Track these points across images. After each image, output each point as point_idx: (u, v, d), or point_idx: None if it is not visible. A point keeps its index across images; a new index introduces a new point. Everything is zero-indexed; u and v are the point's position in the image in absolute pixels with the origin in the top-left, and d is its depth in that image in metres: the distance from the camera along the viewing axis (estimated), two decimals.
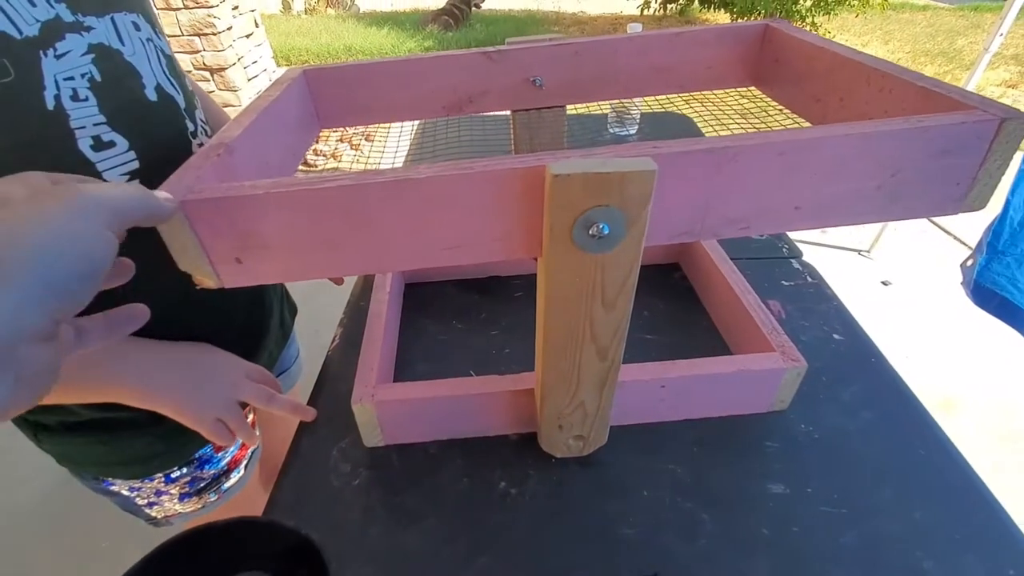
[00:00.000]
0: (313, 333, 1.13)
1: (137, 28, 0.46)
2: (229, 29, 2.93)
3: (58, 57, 0.39)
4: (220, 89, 3.00)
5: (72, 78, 0.40)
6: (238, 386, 0.50)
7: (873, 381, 0.57)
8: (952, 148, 0.33)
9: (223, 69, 2.94)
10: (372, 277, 0.68)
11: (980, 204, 0.36)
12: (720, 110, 0.94)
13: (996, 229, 1.16)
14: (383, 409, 0.49)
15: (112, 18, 0.44)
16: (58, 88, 0.39)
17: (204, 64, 2.91)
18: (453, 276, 0.73)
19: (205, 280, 0.34)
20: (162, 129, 0.47)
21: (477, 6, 5.93)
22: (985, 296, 1.31)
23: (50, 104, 0.38)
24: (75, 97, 0.40)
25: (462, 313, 0.68)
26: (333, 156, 2.92)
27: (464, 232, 0.34)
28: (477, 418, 0.52)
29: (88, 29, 0.41)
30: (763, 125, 0.86)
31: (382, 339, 0.55)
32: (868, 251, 2.14)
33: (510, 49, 0.56)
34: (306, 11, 6.48)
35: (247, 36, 3.18)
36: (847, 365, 0.59)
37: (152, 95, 0.46)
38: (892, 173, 0.34)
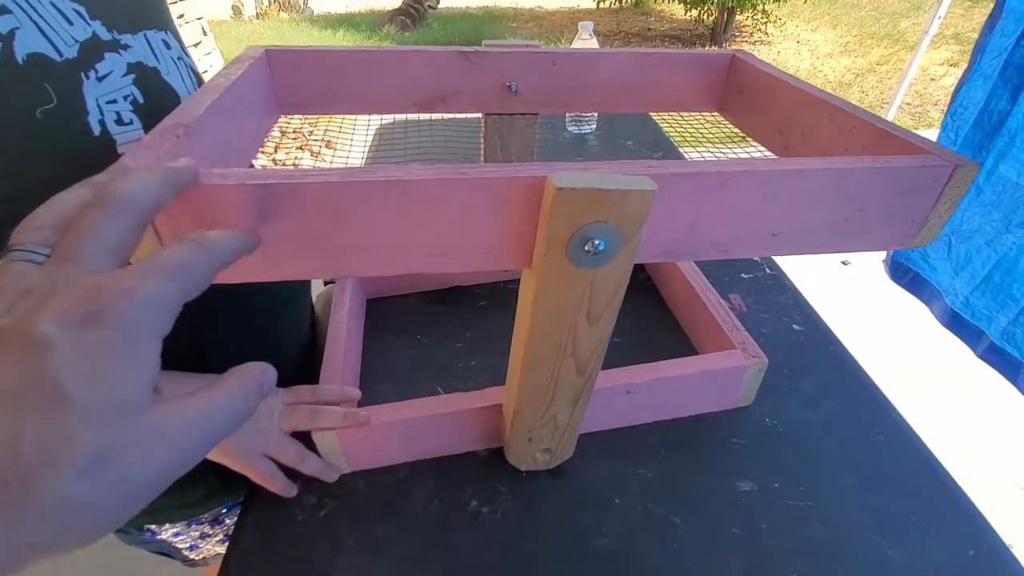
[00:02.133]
0: None
1: (167, 46, 0.44)
2: None
3: (100, 79, 0.37)
4: None
5: (115, 101, 0.38)
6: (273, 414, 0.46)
7: (832, 370, 0.58)
8: (911, 188, 0.34)
9: None
10: (332, 296, 0.66)
11: (929, 239, 0.38)
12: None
13: None
14: (346, 436, 0.47)
15: (145, 35, 0.42)
16: (102, 113, 0.37)
17: None
18: (416, 288, 0.72)
19: None
20: None
21: (432, 7, 5.87)
22: (900, 271, 1.38)
23: (95, 130, 0.36)
24: (119, 121, 0.38)
25: (426, 326, 0.66)
26: (295, 165, 2.85)
27: (452, 239, 0.32)
28: (445, 437, 0.51)
29: (125, 47, 0.39)
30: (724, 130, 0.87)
31: (342, 363, 0.53)
32: None
33: (488, 51, 0.55)
34: (258, 16, 6.31)
35: (195, 45, 3.08)
36: (807, 356, 0.60)
37: None
38: (859, 207, 0.35)
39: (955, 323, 1.28)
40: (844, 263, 2.05)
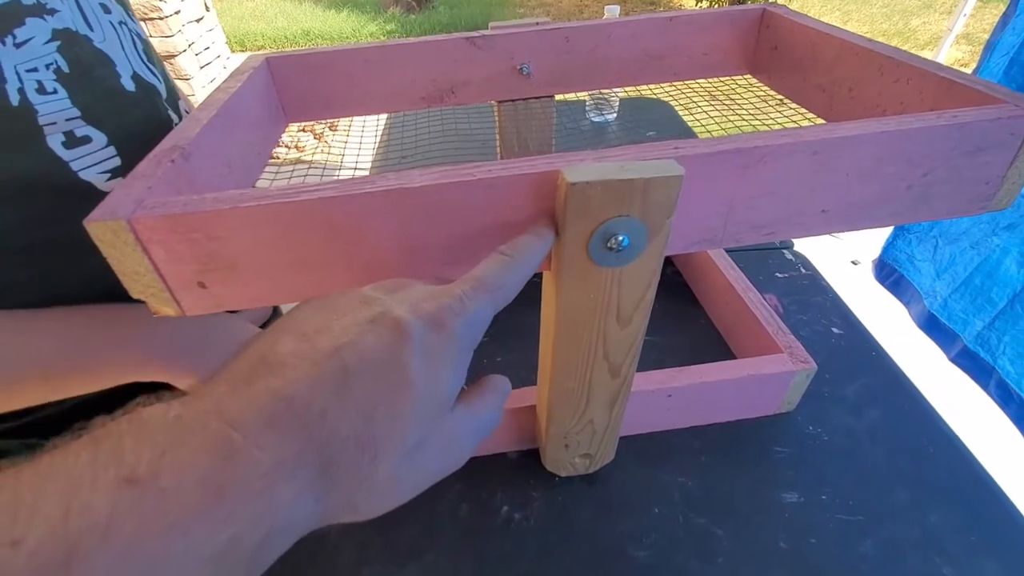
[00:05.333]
0: None
1: (107, 10, 0.41)
2: (177, 13, 2.76)
3: (18, 45, 0.34)
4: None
5: (36, 69, 0.35)
6: None
7: (876, 377, 0.56)
8: (985, 145, 0.31)
9: (173, 56, 2.78)
10: None
11: (1007, 203, 0.34)
12: (693, 91, 0.91)
13: None
14: None
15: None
16: (21, 81, 0.34)
17: None
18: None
19: (163, 308, 0.30)
20: (143, 121, 0.42)
21: None
22: (885, 271, 1.36)
23: (14, 99, 0.33)
24: (41, 90, 0.35)
25: None
26: (296, 147, 2.80)
27: (463, 247, 0.30)
28: None
29: (51, 12, 0.36)
30: (741, 110, 0.84)
31: None
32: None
33: (495, 34, 0.51)
34: None
35: (197, 21, 3.01)
36: (849, 360, 0.57)
37: (129, 84, 0.41)
38: (924, 172, 0.31)
39: (931, 326, 1.26)
40: (854, 262, 2.03)
